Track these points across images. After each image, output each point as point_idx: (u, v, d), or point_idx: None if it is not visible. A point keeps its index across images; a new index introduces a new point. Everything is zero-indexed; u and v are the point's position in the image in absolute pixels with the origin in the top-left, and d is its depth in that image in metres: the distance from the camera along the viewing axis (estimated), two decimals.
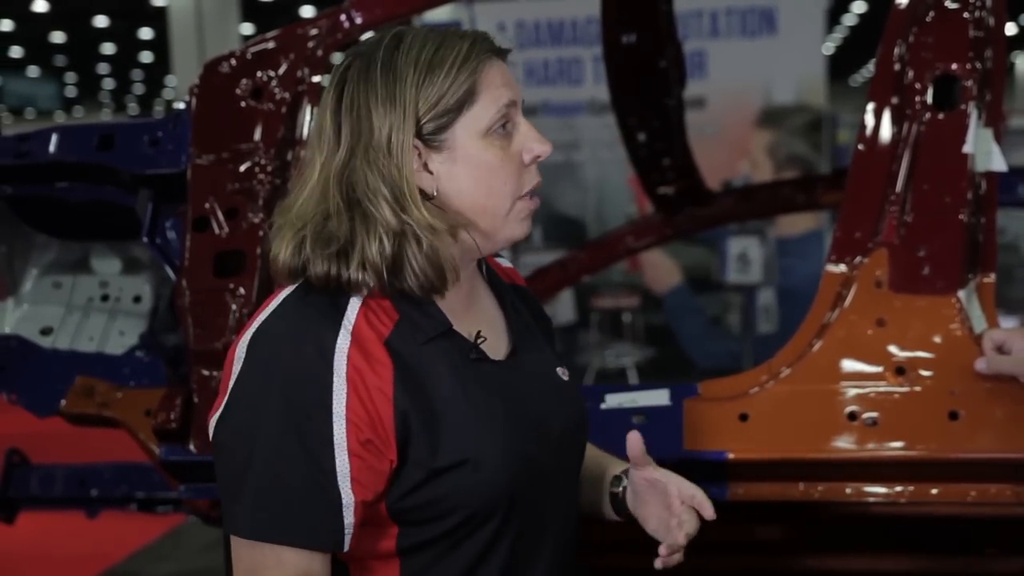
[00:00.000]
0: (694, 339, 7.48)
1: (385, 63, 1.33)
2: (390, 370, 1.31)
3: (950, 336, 1.85)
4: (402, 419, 1.30)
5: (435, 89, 1.32)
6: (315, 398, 1.27)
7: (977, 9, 1.93)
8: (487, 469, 1.33)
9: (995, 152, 1.93)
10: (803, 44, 7.24)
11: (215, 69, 2.19)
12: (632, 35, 2.81)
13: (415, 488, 1.32)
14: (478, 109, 1.34)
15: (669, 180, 3.18)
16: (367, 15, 2.20)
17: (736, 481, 1.89)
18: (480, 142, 1.34)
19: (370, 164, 1.31)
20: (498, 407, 1.37)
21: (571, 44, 7.37)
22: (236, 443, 1.29)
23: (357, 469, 1.28)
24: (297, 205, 1.35)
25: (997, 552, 2.12)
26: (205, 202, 2.11)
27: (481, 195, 1.36)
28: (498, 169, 1.35)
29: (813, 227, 7.24)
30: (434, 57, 1.32)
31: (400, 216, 1.31)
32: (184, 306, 2.07)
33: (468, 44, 1.33)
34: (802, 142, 7.33)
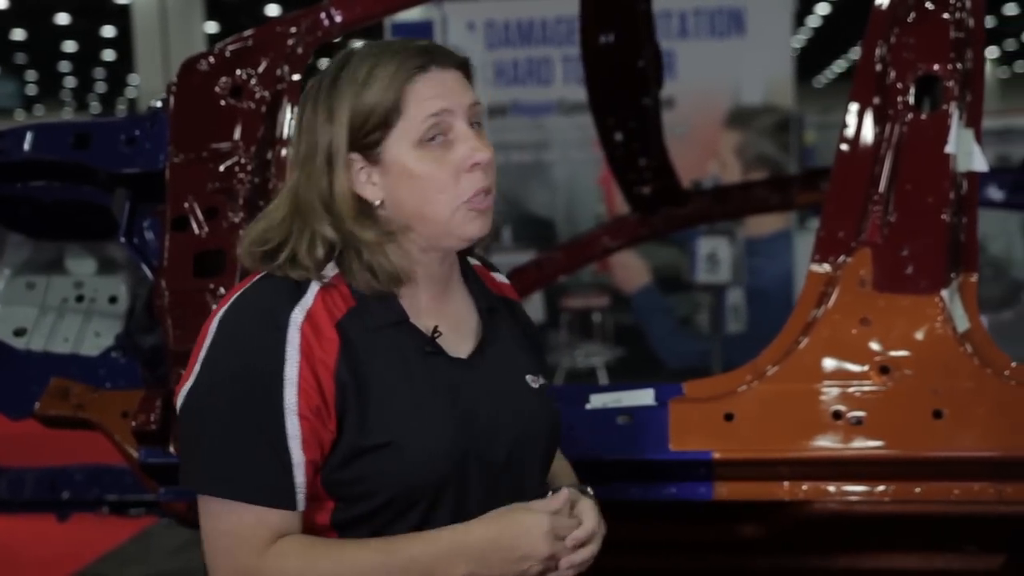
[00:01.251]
0: (663, 339, 7.53)
1: (330, 84, 1.44)
2: (336, 346, 1.40)
3: (934, 335, 1.86)
4: (341, 392, 1.38)
5: (365, 105, 1.41)
6: (269, 365, 1.37)
7: (957, 10, 1.95)
8: (410, 455, 1.39)
9: (976, 152, 1.94)
10: (771, 45, 7.28)
11: (193, 67, 2.17)
12: (610, 35, 2.81)
13: (344, 463, 1.39)
14: (405, 122, 1.41)
15: (646, 180, 3.18)
16: (346, 13, 2.18)
17: (721, 481, 1.89)
18: (413, 153, 1.42)
19: (310, 179, 1.42)
20: (437, 399, 1.43)
21: (541, 44, 7.37)
22: (198, 408, 1.39)
23: (307, 431, 1.37)
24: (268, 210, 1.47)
25: (976, 549, 2.13)
26: (184, 201, 2.08)
27: (418, 204, 1.43)
28: (431, 179, 1.42)
29: (781, 227, 7.31)
30: (368, 75, 1.41)
31: (338, 230, 1.42)
32: (163, 307, 2.05)
33: (399, 59, 1.42)
34: (770, 142, 7.39)
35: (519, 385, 1.53)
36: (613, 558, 1.96)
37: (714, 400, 1.89)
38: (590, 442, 1.90)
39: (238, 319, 1.41)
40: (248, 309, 1.41)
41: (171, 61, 16.07)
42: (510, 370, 1.53)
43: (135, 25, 16.70)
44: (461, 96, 1.44)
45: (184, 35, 16.45)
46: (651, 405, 1.90)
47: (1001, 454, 1.82)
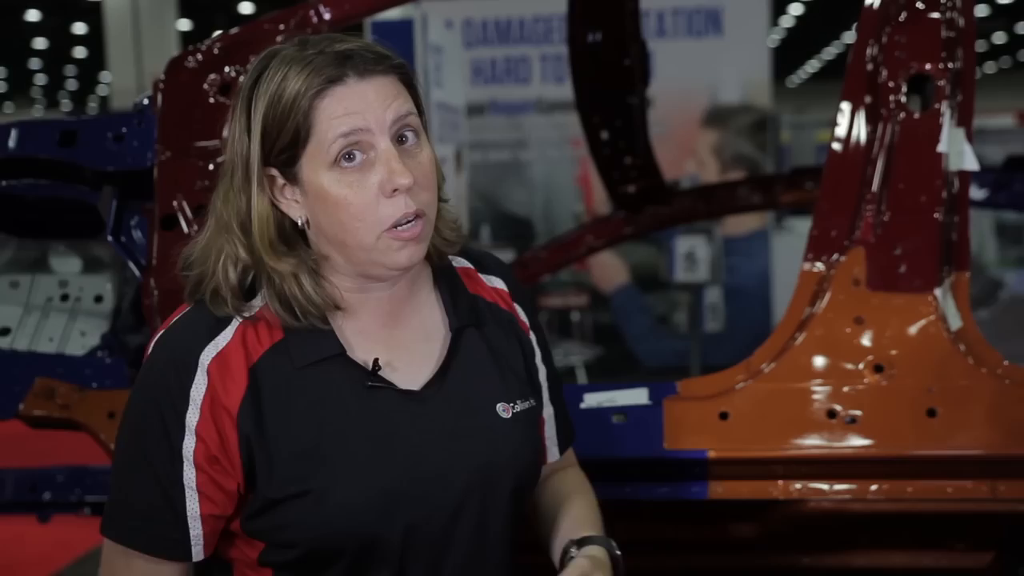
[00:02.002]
0: (640, 338, 7.53)
1: (248, 92, 1.31)
2: (241, 392, 1.30)
3: (927, 334, 1.86)
4: (245, 443, 1.30)
5: (275, 124, 1.28)
6: (171, 409, 1.30)
7: (948, 10, 1.95)
8: (329, 505, 1.29)
9: (967, 151, 1.95)
10: (748, 45, 7.30)
11: (181, 64, 2.14)
12: (598, 33, 2.80)
13: (259, 512, 1.32)
14: (315, 143, 1.28)
15: (631, 178, 3.18)
16: (335, 11, 2.17)
17: (716, 480, 1.89)
18: (327, 175, 1.28)
19: (227, 198, 1.32)
20: (369, 443, 1.31)
21: (519, 43, 7.37)
22: (116, 445, 1.37)
23: (203, 483, 1.30)
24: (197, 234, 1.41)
25: (966, 547, 2.14)
26: (173, 200, 2.06)
27: (337, 229, 1.30)
28: (347, 204, 1.28)
29: (759, 226, 7.33)
30: (279, 87, 1.28)
31: (251, 254, 1.31)
32: (152, 306, 2.03)
33: (310, 69, 1.27)
34: (747, 142, 7.41)
35: (484, 417, 1.39)
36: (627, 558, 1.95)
37: (709, 399, 1.89)
38: (585, 442, 1.89)
39: (155, 356, 1.35)
40: (165, 346, 1.35)
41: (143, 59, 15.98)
42: (474, 399, 1.39)
43: (107, 22, 16.59)
44: (381, 110, 1.28)
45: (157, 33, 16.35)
46: (646, 404, 1.90)
47: (995, 452, 1.83)
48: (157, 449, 1.30)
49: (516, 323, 1.50)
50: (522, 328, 1.51)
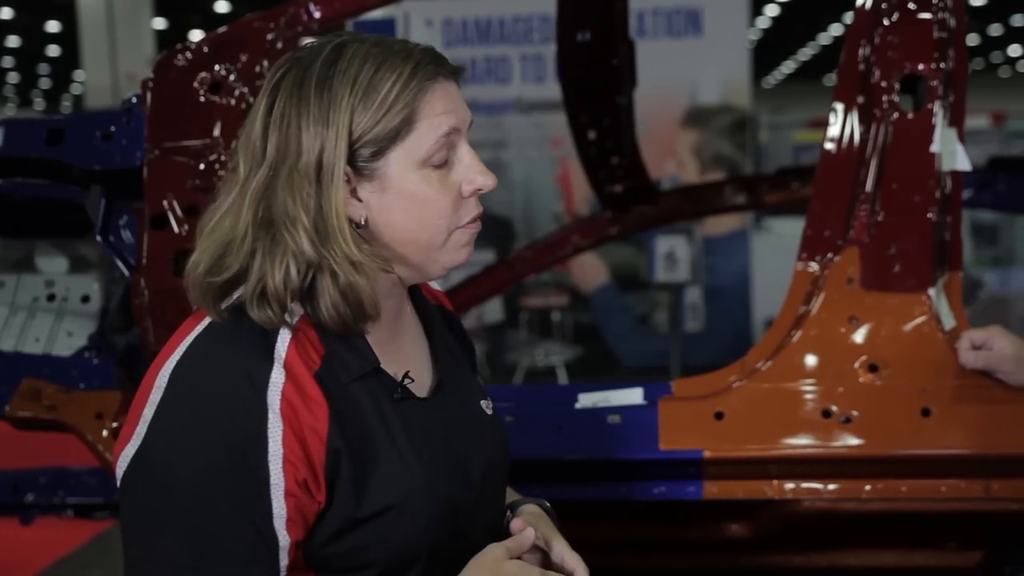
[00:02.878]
0: (620, 338, 7.55)
1: (321, 79, 1.23)
2: (325, 409, 1.23)
3: (921, 333, 1.87)
4: (333, 460, 1.22)
5: (370, 115, 1.22)
6: (249, 435, 1.18)
7: (940, 10, 1.96)
8: (411, 517, 1.26)
9: (960, 151, 1.96)
10: (728, 45, 7.33)
11: (170, 62, 2.13)
12: (587, 33, 2.80)
13: (336, 535, 1.24)
14: (414, 139, 1.24)
15: (617, 178, 3.18)
16: (325, 9, 2.16)
17: (711, 480, 1.89)
18: (415, 173, 1.25)
19: (293, 188, 1.21)
20: (422, 450, 1.29)
21: (499, 42, 7.37)
22: (156, 481, 1.18)
23: (293, 509, 1.20)
24: (215, 220, 1.27)
25: (957, 546, 2.15)
26: (163, 199, 2.05)
27: (413, 228, 1.26)
28: (433, 202, 1.26)
29: (738, 226, 7.36)
30: (372, 79, 1.23)
31: (319, 249, 1.21)
32: (142, 306, 2.01)
33: (410, 67, 1.24)
34: (727, 142, 7.44)
35: (478, 415, 1.41)
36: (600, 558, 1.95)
37: (704, 399, 1.89)
38: (580, 442, 1.89)
39: (200, 376, 1.20)
40: (212, 364, 1.21)
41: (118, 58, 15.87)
42: (467, 401, 1.42)
43: (81, 21, 16.47)
44: (464, 112, 1.28)
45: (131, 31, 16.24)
46: (641, 404, 1.90)
47: (989, 451, 1.84)
48: (236, 479, 1.17)
49: (460, 324, 1.53)
50: (463, 330, 1.53)
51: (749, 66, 7.49)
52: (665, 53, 7.20)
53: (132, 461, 1.20)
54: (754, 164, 8.03)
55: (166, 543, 1.17)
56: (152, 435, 1.19)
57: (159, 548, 1.17)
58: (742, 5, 7.41)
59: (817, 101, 23.65)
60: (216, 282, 1.24)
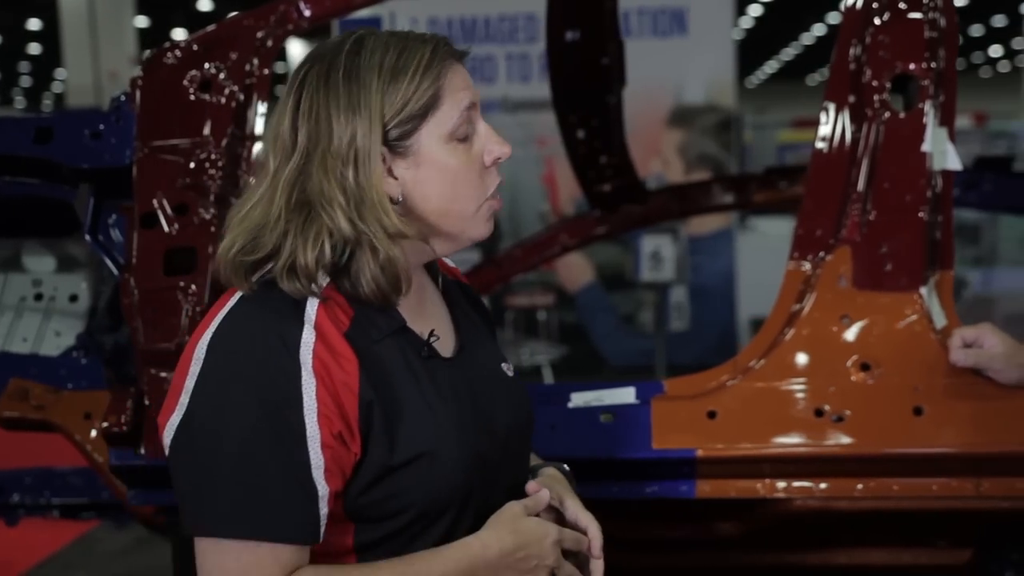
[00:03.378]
0: (606, 337, 7.55)
1: (348, 69, 1.33)
2: (355, 364, 1.31)
3: (913, 332, 1.88)
4: (366, 411, 1.31)
5: (400, 95, 1.32)
6: (285, 392, 1.27)
7: (931, 10, 1.97)
8: (442, 464, 1.34)
9: (950, 151, 1.96)
10: (713, 45, 7.34)
11: (160, 60, 2.12)
12: (576, 32, 2.80)
13: (373, 483, 1.32)
14: (441, 114, 1.34)
15: (606, 177, 3.18)
16: (315, 8, 2.15)
17: (704, 479, 1.89)
18: (445, 147, 1.35)
19: (327, 171, 1.31)
20: (451, 403, 1.38)
21: (484, 42, 7.35)
22: (203, 443, 1.28)
23: (330, 460, 1.28)
24: (246, 209, 1.35)
25: (947, 544, 2.16)
26: (152, 198, 2.04)
27: (447, 199, 1.36)
28: (462, 172, 1.36)
29: (723, 226, 7.37)
30: (397, 62, 1.33)
31: (356, 225, 1.30)
32: (132, 305, 2.00)
33: (431, 48, 1.35)
34: (712, 141, 7.45)
35: (501, 376, 1.51)
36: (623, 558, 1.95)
37: (696, 398, 1.89)
38: (573, 441, 1.89)
39: (236, 342, 1.29)
40: (246, 331, 1.30)
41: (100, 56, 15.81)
42: (490, 362, 1.51)
43: (63, 19, 16.39)
44: (476, 91, 1.39)
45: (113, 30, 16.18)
46: (633, 403, 1.90)
47: (980, 450, 1.84)
48: (275, 434, 1.27)
49: (475, 295, 1.63)
50: (479, 299, 1.63)
51: (734, 66, 7.50)
52: (650, 53, 7.20)
53: (178, 429, 1.29)
54: (739, 164, 8.04)
55: (216, 500, 1.26)
56: (195, 402, 1.29)
57: (210, 505, 1.26)
58: (727, 5, 7.42)
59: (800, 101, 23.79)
60: (248, 260, 1.32)
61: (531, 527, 1.36)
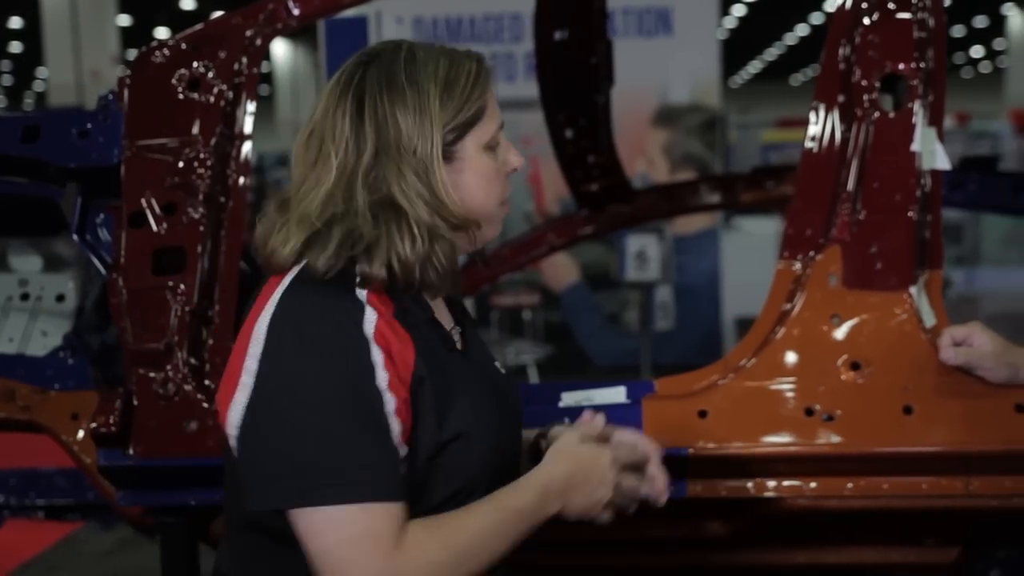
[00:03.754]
0: (591, 336, 7.56)
1: (409, 74, 1.43)
2: (409, 340, 1.39)
3: (903, 331, 1.88)
4: (417, 386, 1.38)
5: (454, 103, 1.43)
6: (357, 362, 1.34)
7: (919, 10, 1.97)
8: (478, 445, 1.43)
9: (939, 150, 1.97)
10: (698, 45, 7.35)
11: (148, 59, 2.11)
12: (565, 31, 2.80)
13: (422, 458, 1.38)
14: (484, 124, 1.46)
15: (594, 177, 3.19)
16: (304, 7, 2.15)
17: (695, 478, 1.89)
18: (483, 155, 1.47)
19: (402, 165, 1.40)
20: (475, 388, 1.47)
21: (469, 41, 7.35)
22: (287, 415, 1.32)
23: (399, 427, 1.36)
24: (315, 204, 1.41)
25: (935, 543, 2.17)
26: (141, 197, 2.03)
27: (479, 202, 1.47)
28: (493, 179, 1.48)
29: (708, 225, 7.39)
30: (449, 73, 1.44)
31: (434, 216, 1.41)
32: (121, 305, 1.99)
33: (476, 64, 1.47)
34: (697, 141, 7.47)
35: (499, 371, 1.61)
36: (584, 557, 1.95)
37: (687, 397, 1.89)
38: None
39: (303, 317, 1.36)
40: (311, 307, 1.37)
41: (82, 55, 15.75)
42: (488, 358, 1.61)
43: (44, 18, 16.33)
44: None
45: (95, 28, 16.14)
46: (624, 403, 1.90)
47: (969, 448, 1.85)
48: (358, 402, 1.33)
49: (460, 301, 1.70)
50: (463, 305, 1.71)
51: (719, 66, 7.52)
52: (635, 52, 7.21)
53: (248, 409, 1.35)
54: (723, 164, 8.06)
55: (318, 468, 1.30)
56: (263, 381, 1.34)
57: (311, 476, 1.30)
58: (712, 5, 7.44)
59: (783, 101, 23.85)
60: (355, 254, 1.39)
61: (587, 452, 1.48)
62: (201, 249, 2.00)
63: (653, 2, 7.31)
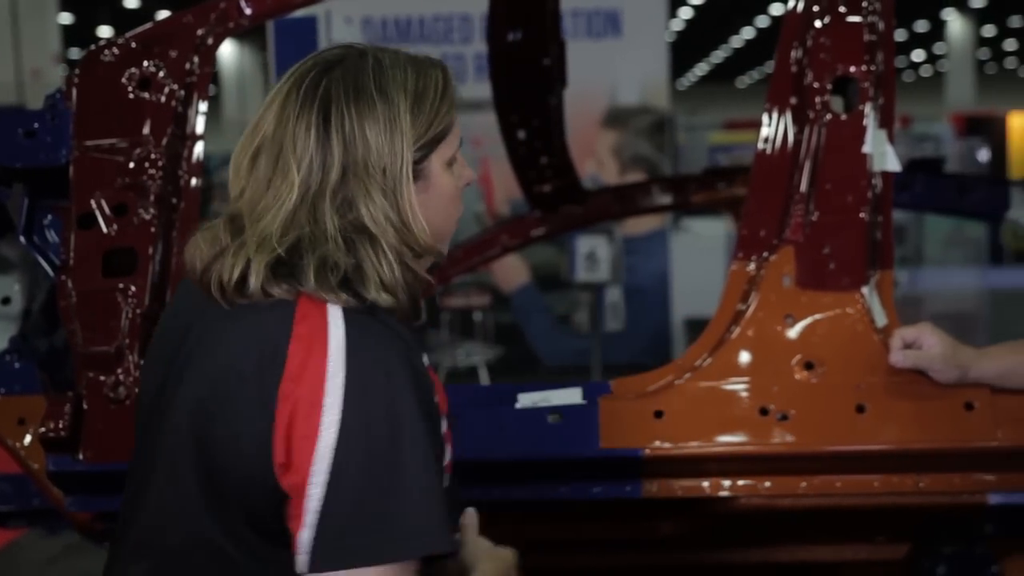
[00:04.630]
0: (541, 337, 7.58)
1: (379, 86, 1.33)
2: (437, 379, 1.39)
3: (855, 331, 1.90)
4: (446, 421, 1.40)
5: (424, 117, 1.35)
6: (427, 393, 1.31)
7: (870, 14, 2.00)
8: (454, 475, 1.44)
9: (890, 152, 1.99)
10: (647, 46, 7.39)
11: (97, 58, 2.08)
12: (518, 32, 2.80)
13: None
14: (449, 140, 1.39)
15: (547, 178, 3.19)
16: (257, 6, 2.13)
17: (650, 478, 1.90)
18: (446, 172, 1.40)
19: (371, 185, 1.31)
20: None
21: (418, 42, 7.33)
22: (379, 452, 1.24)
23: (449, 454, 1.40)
24: (276, 225, 1.31)
25: (886, 540, 2.19)
26: (90, 198, 2.00)
27: (441, 221, 1.41)
28: (452, 197, 1.42)
29: (657, 226, 7.43)
30: (418, 85, 1.35)
31: (401, 242, 1.32)
32: (70, 307, 1.96)
33: (442, 75, 1.38)
34: (646, 143, 7.51)
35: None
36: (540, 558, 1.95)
37: (643, 398, 1.90)
38: (521, 441, 1.89)
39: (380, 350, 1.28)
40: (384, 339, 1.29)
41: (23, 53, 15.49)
42: None
43: None
44: None
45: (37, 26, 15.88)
46: (581, 404, 1.90)
47: (919, 446, 1.87)
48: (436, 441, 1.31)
49: None
50: None
51: (668, 67, 7.56)
52: (585, 54, 7.23)
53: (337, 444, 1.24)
54: (672, 165, 8.11)
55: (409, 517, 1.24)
56: (350, 415, 1.24)
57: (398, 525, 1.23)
58: (661, 6, 7.49)
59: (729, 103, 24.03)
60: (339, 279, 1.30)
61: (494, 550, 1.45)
62: (153, 250, 1.98)
63: (602, 4, 7.34)
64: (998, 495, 1.92)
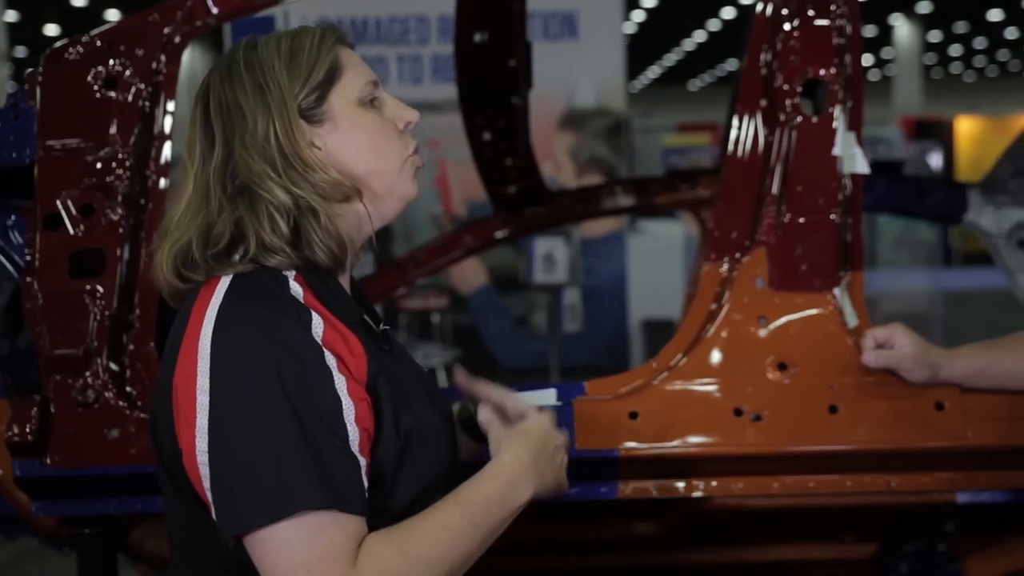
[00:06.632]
0: (499, 339, 7.53)
1: (248, 61, 1.40)
2: (356, 339, 1.35)
3: (827, 332, 1.92)
4: (373, 383, 1.35)
5: (302, 68, 1.39)
6: (315, 370, 1.29)
7: (837, 17, 2.01)
8: (433, 441, 1.42)
9: (859, 155, 2.01)
10: (603, 48, 7.40)
11: (61, 56, 2.05)
12: (485, 33, 2.80)
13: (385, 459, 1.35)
14: (347, 80, 1.42)
15: (511, 180, 3.19)
16: (222, 6, 2.11)
17: (625, 479, 1.90)
18: (357, 110, 1.42)
19: (249, 149, 1.36)
20: (414, 386, 1.45)
21: (375, 43, 7.29)
22: (246, 434, 1.26)
23: (361, 435, 1.31)
24: (175, 222, 1.40)
25: (855, 539, 2.21)
26: (56, 198, 1.97)
27: (370, 155, 1.43)
28: (380, 131, 1.43)
29: (615, 228, 7.44)
30: (293, 44, 1.41)
31: (292, 191, 1.35)
32: (36, 309, 1.93)
33: (320, 31, 1.44)
34: (603, 145, 7.51)
35: (420, 367, 1.59)
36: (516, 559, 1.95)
37: (618, 399, 1.90)
38: None
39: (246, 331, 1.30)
40: (258, 315, 1.31)
41: None
42: (409, 355, 1.57)
43: None
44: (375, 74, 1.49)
45: None
46: (556, 405, 1.90)
47: (891, 446, 1.89)
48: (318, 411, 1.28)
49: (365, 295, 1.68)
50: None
51: (624, 69, 7.58)
52: (541, 56, 7.20)
53: (209, 431, 1.28)
54: (629, 167, 8.12)
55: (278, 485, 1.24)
56: (218, 399, 1.28)
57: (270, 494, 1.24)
58: (616, 8, 7.50)
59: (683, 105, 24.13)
60: (219, 250, 1.35)
61: (532, 425, 1.46)
62: (120, 252, 1.95)
63: (559, 5, 7.34)
64: (966, 494, 1.95)
